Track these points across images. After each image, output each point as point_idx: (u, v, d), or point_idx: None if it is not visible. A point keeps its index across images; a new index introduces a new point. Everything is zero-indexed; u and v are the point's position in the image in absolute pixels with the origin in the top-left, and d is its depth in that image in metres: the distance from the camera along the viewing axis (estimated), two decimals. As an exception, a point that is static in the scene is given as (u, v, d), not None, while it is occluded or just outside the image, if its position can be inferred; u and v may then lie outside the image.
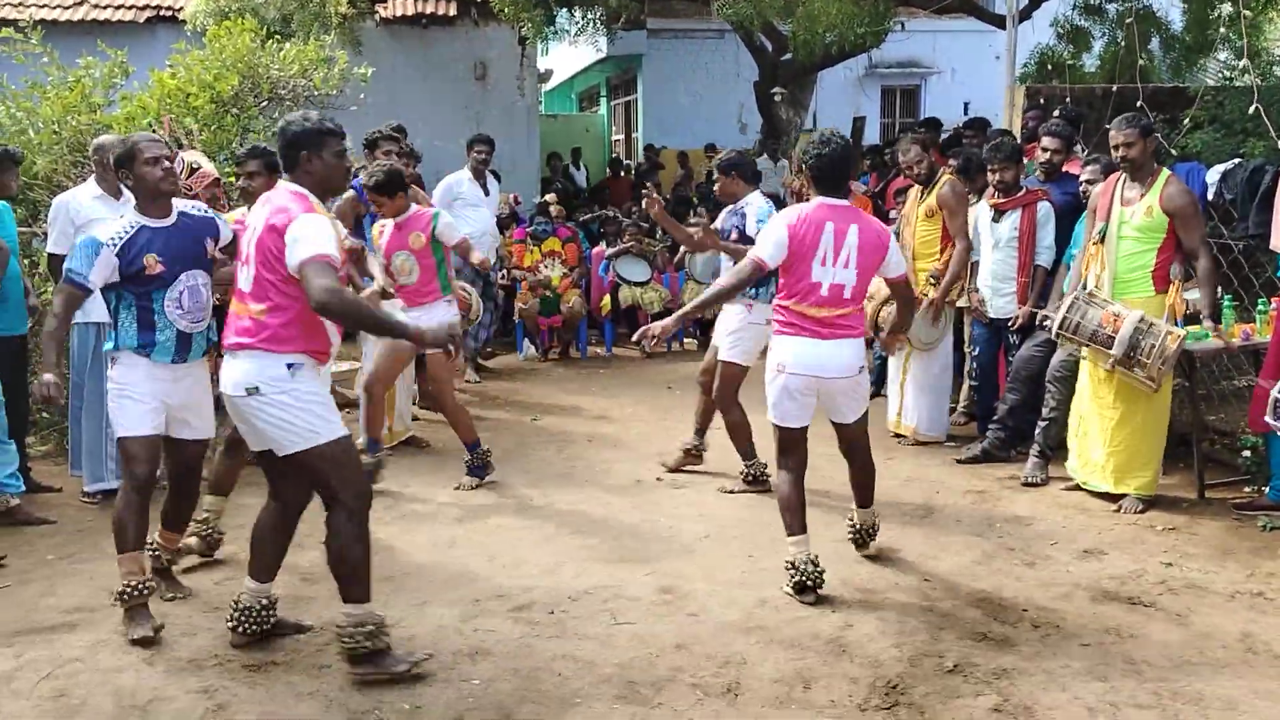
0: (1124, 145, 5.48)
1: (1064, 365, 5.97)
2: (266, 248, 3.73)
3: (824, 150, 4.55)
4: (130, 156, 4.23)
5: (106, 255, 4.13)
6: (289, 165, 3.86)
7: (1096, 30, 12.85)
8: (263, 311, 3.76)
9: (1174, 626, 4.25)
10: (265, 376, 3.75)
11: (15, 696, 3.75)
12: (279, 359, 3.76)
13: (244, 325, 3.81)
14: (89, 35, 10.80)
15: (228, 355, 3.86)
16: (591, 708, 3.68)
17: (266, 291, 3.76)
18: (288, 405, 3.75)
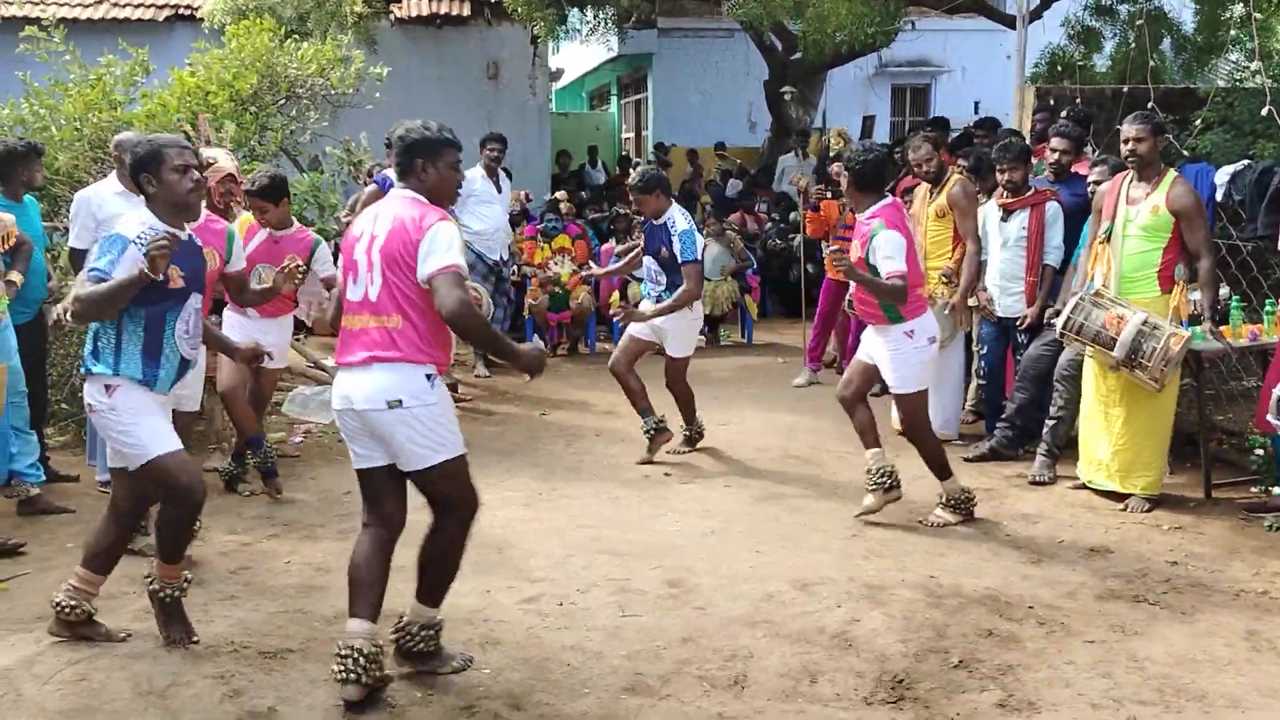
0: (1135, 140, 5.51)
1: (1072, 364, 6.01)
2: (397, 257, 3.61)
3: (869, 156, 5.29)
4: (156, 160, 3.88)
5: (133, 253, 3.79)
6: (403, 172, 3.77)
7: (1107, 31, 12.85)
8: (397, 322, 3.62)
9: (1179, 624, 4.29)
10: (409, 389, 3.62)
11: (37, 681, 3.82)
12: (419, 370, 3.64)
13: (374, 338, 3.64)
14: (109, 33, 10.91)
15: (357, 370, 3.67)
16: (599, 698, 3.74)
17: (398, 302, 3.62)
18: (428, 419, 3.65)
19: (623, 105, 23.29)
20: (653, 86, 20.23)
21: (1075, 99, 8.79)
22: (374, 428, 3.68)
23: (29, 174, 5.91)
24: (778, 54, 14.70)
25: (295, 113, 8.06)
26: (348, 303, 3.75)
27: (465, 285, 3.63)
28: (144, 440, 3.86)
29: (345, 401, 3.71)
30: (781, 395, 8.49)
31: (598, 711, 3.66)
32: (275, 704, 3.68)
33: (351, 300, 3.73)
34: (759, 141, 17.30)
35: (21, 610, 4.44)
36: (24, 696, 3.72)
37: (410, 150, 3.75)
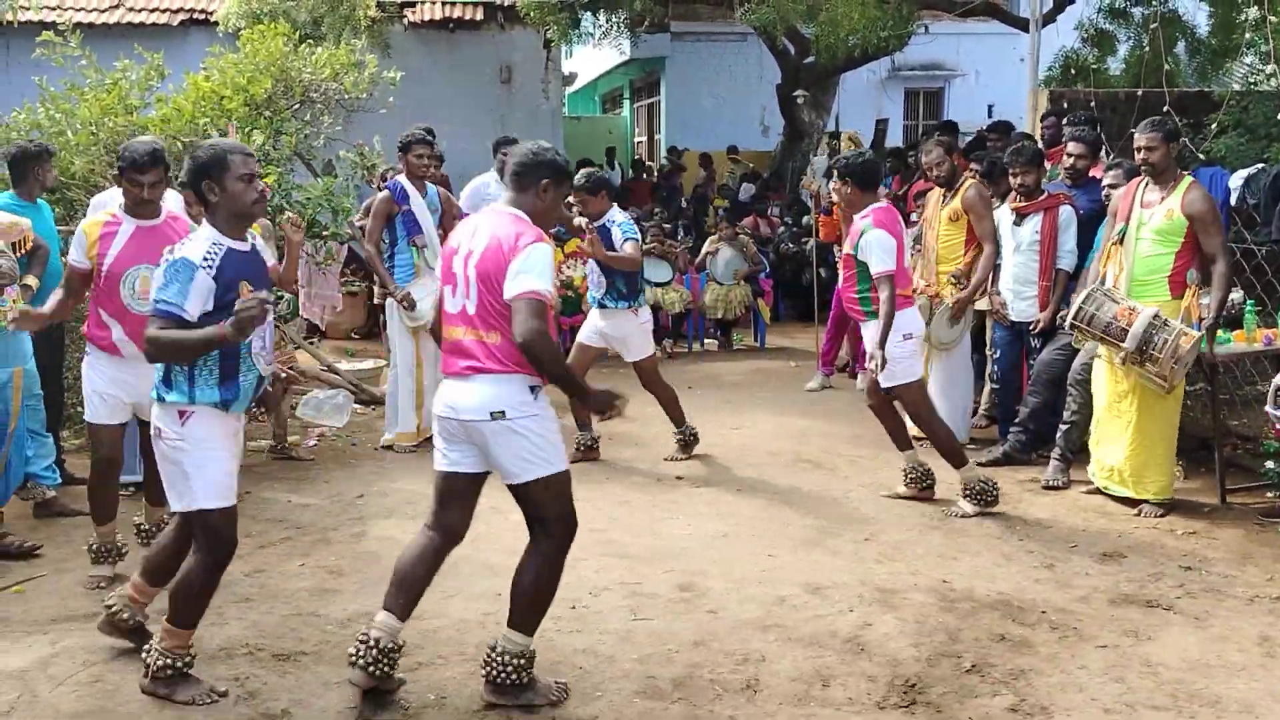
0: (1146, 149, 5.51)
1: (1085, 369, 6.00)
2: (490, 274, 3.59)
3: (862, 158, 5.60)
4: (221, 166, 3.62)
5: (203, 279, 3.53)
6: (521, 186, 3.73)
7: (1121, 34, 12.80)
8: (496, 339, 3.60)
9: (1192, 629, 4.28)
10: (511, 400, 3.60)
11: (53, 681, 3.85)
12: (523, 380, 3.62)
13: (474, 351, 3.62)
14: (124, 38, 10.97)
15: (457, 379, 3.67)
16: (611, 701, 3.75)
17: (493, 318, 3.60)
18: (531, 431, 3.62)
19: (635, 109, 23.32)
20: (665, 90, 20.25)
21: (1089, 102, 8.76)
22: (476, 438, 3.66)
23: (43, 175, 5.96)
24: (791, 58, 14.70)
25: (309, 117, 8.09)
26: (447, 314, 3.73)
27: (545, 314, 3.54)
28: (199, 489, 3.63)
29: (450, 410, 3.68)
30: (794, 399, 8.48)
31: (610, 715, 3.67)
32: (289, 706, 3.70)
33: (450, 312, 3.72)
34: (772, 145, 17.29)
35: (37, 612, 4.48)
36: (39, 698, 3.75)
37: (540, 169, 3.71)
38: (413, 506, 5.86)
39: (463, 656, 4.06)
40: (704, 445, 6.96)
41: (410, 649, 4.09)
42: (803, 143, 14.78)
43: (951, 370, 6.92)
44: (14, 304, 5.44)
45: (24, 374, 5.51)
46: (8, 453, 5.47)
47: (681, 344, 10.83)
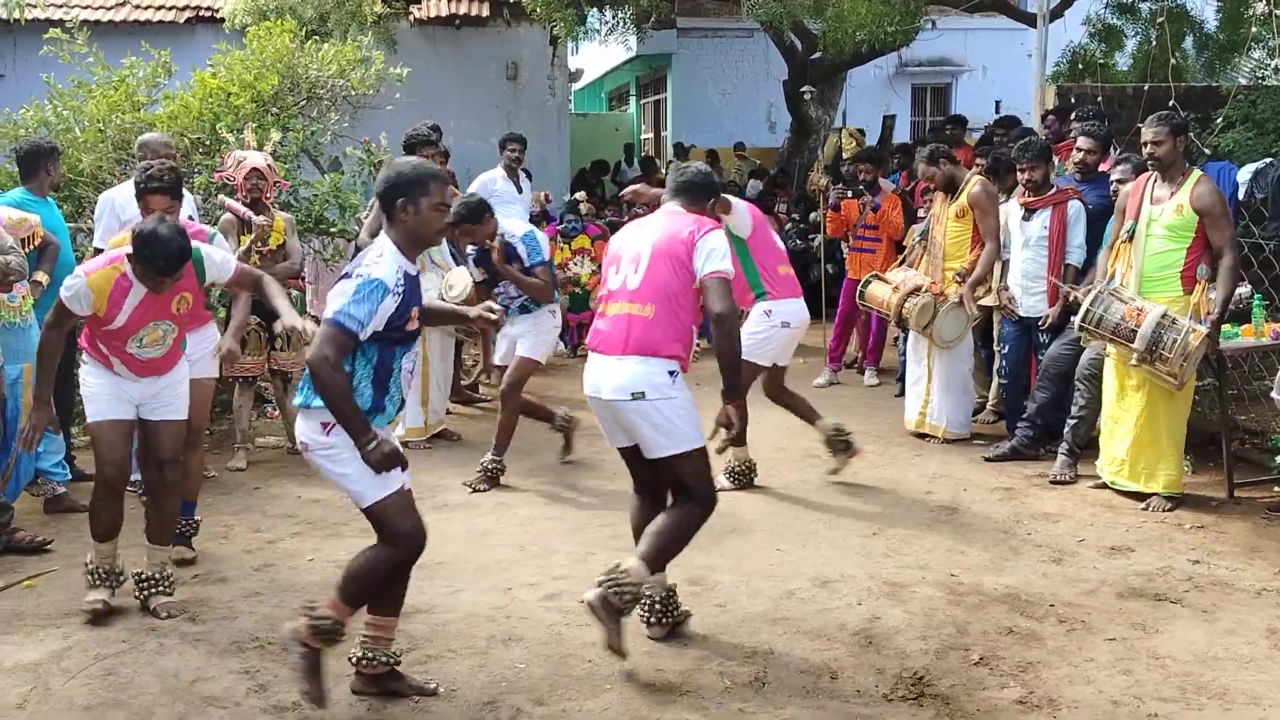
0: (1153, 143, 5.50)
1: (1093, 364, 6.00)
2: (669, 253, 3.96)
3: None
4: (422, 190, 3.53)
5: (390, 303, 3.47)
6: (697, 199, 4.22)
7: (1129, 29, 12.80)
8: (650, 312, 3.92)
9: (1200, 622, 4.28)
10: (652, 383, 3.91)
11: (65, 675, 3.87)
12: (664, 365, 3.93)
13: (627, 327, 3.96)
14: (131, 35, 11.01)
15: (609, 359, 3.96)
16: (621, 694, 3.76)
17: (658, 294, 3.93)
18: (667, 410, 3.93)
19: (642, 106, 23.32)
20: (672, 87, 20.25)
21: (1096, 97, 8.76)
22: (617, 416, 3.99)
23: (55, 171, 5.99)
24: (798, 54, 14.69)
25: (316, 114, 8.12)
26: (608, 291, 4.11)
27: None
28: (361, 485, 3.60)
29: (594, 389, 4.07)
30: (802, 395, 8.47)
31: (619, 707, 3.68)
32: (299, 698, 3.70)
33: (611, 289, 4.10)
34: (778, 142, 17.29)
35: (49, 606, 4.50)
36: (53, 691, 3.77)
37: (710, 187, 4.29)
38: (420, 501, 5.82)
39: (472, 650, 4.08)
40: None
41: (419, 642, 4.13)
42: (809, 139, 14.77)
43: (952, 367, 6.93)
44: (23, 300, 5.48)
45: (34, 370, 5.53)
46: (18, 449, 5.49)
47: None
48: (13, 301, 5.38)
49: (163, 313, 4.32)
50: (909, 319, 6.80)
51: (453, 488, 6.14)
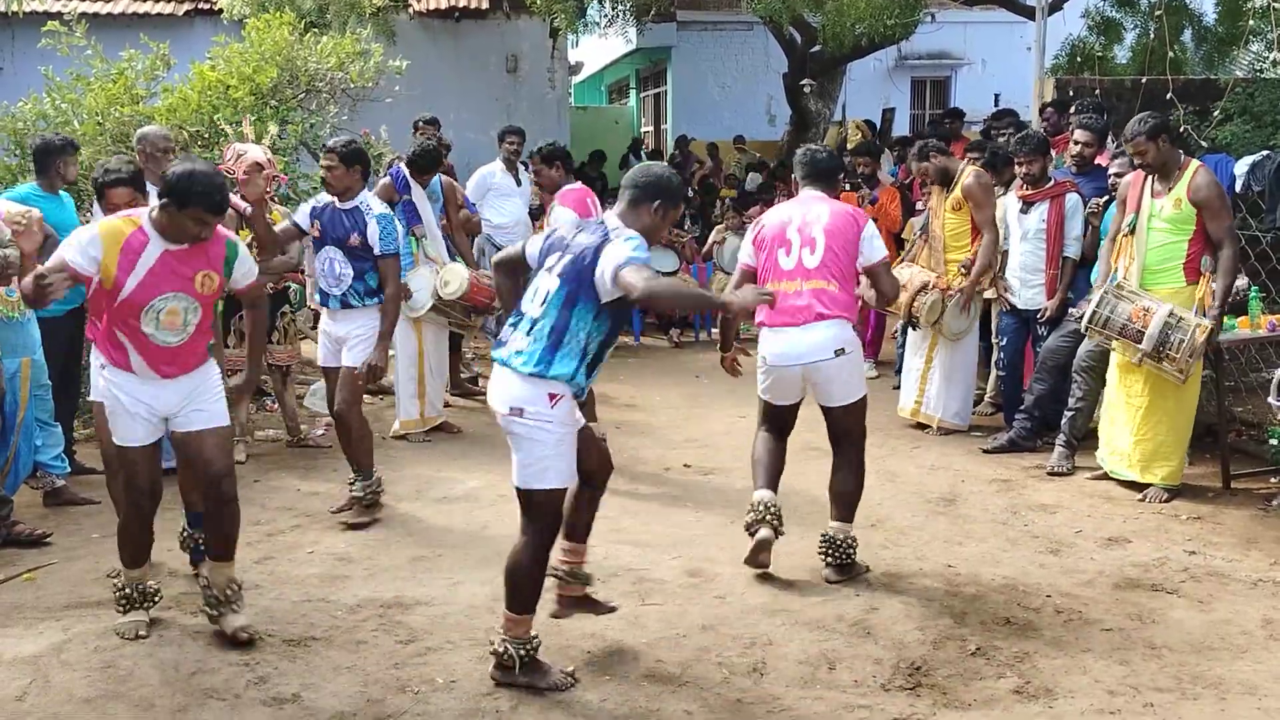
0: (1136, 154, 5.55)
1: (1090, 355, 6.01)
2: (842, 235, 4.56)
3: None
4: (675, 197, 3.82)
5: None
6: (831, 182, 4.86)
7: (1128, 22, 12.80)
8: (834, 287, 4.53)
9: (1196, 612, 4.30)
10: (848, 339, 4.55)
11: (65, 667, 3.88)
12: (848, 326, 4.57)
13: (813, 300, 4.51)
14: (129, 28, 11.02)
15: (798, 329, 4.50)
16: (619, 685, 3.78)
17: (836, 270, 4.54)
18: (856, 363, 4.62)
19: (642, 99, 23.31)
20: (672, 80, 20.25)
21: (1094, 91, 8.76)
22: (815, 374, 4.55)
23: (65, 169, 6.00)
24: (797, 47, 14.68)
25: (315, 106, 8.11)
26: (780, 271, 4.59)
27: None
28: (558, 469, 3.66)
29: (783, 359, 4.57)
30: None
31: (617, 697, 3.70)
32: (299, 690, 3.73)
33: (785, 268, 4.59)
34: (778, 135, 17.28)
35: (49, 599, 4.51)
36: (53, 683, 3.78)
37: (836, 171, 4.91)
38: (419, 494, 5.90)
39: (472, 641, 4.09)
40: (712, 434, 6.97)
41: (419, 634, 4.15)
42: (809, 132, 14.76)
43: (957, 359, 6.94)
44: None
45: (32, 364, 5.54)
46: (17, 442, 5.51)
47: (689, 333, 10.85)
48: (10, 296, 5.39)
49: (184, 284, 3.89)
50: (919, 317, 6.81)
51: (452, 481, 6.16)
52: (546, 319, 3.63)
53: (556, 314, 3.62)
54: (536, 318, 3.66)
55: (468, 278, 6.94)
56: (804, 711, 3.60)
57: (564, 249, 3.70)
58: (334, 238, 5.40)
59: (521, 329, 3.69)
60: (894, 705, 3.63)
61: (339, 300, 5.45)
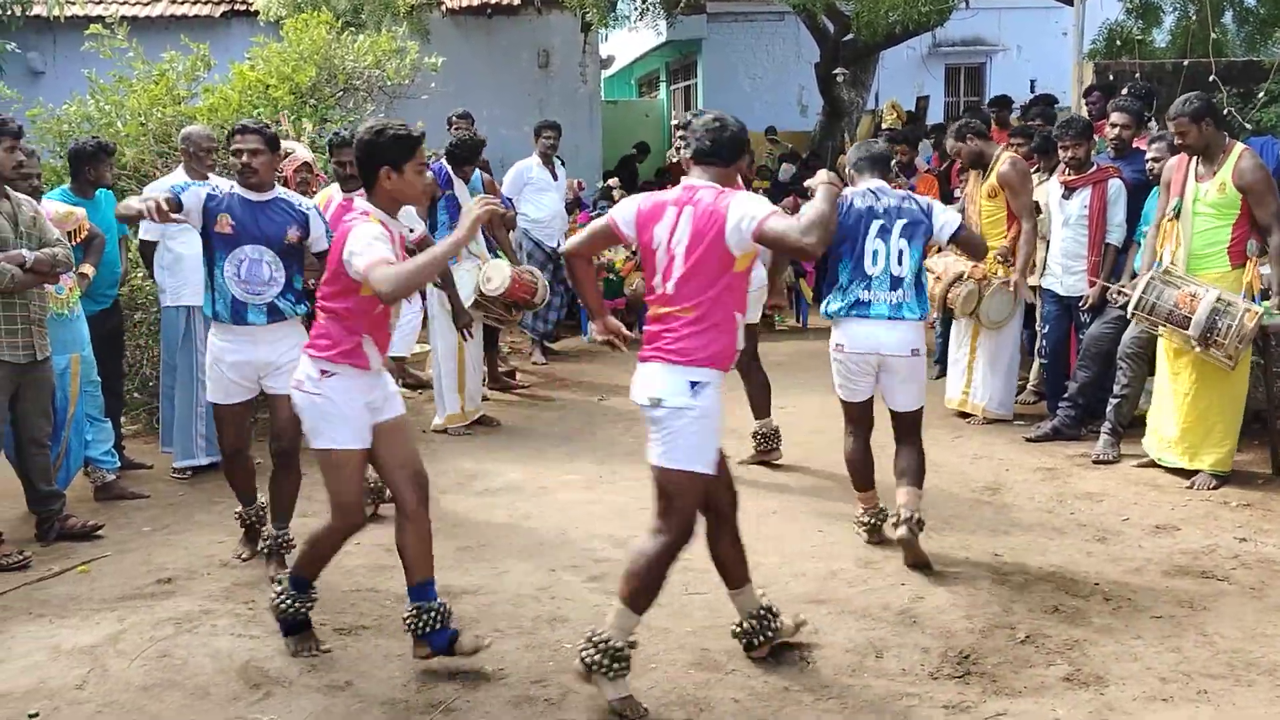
0: (1178, 134, 5.48)
1: (1135, 342, 5.96)
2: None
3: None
4: None
5: None
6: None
7: (1167, 5, 12.63)
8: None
9: (1248, 599, 4.26)
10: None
11: (121, 656, 3.95)
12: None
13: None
14: (167, 30, 11.14)
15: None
16: (666, 673, 3.80)
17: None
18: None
19: (672, 92, 23.26)
20: (702, 72, 20.17)
21: (1135, 74, 8.66)
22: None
23: (97, 173, 6.08)
24: (830, 36, 14.61)
25: (353, 104, 8.17)
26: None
27: None
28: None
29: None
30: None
31: (665, 685, 3.72)
32: (352, 678, 3.78)
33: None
34: (810, 125, 17.20)
35: (104, 590, 4.60)
36: (110, 672, 3.85)
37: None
38: (462, 486, 5.94)
39: (519, 630, 4.12)
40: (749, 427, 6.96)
41: (467, 623, 4.17)
42: (842, 121, 14.69)
43: (999, 347, 6.89)
44: (70, 292, 5.57)
45: (81, 360, 5.64)
46: (68, 437, 5.61)
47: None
48: (60, 294, 5.47)
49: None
50: (954, 308, 6.76)
51: (494, 473, 6.19)
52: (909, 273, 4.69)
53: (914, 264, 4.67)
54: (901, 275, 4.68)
55: (510, 274, 6.97)
56: (852, 700, 3.60)
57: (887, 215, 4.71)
58: (263, 235, 4.57)
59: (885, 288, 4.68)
60: (943, 693, 3.62)
61: (263, 311, 4.57)
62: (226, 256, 4.54)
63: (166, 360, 6.24)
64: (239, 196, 4.61)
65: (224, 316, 4.57)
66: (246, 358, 4.60)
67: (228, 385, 4.65)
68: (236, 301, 4.54)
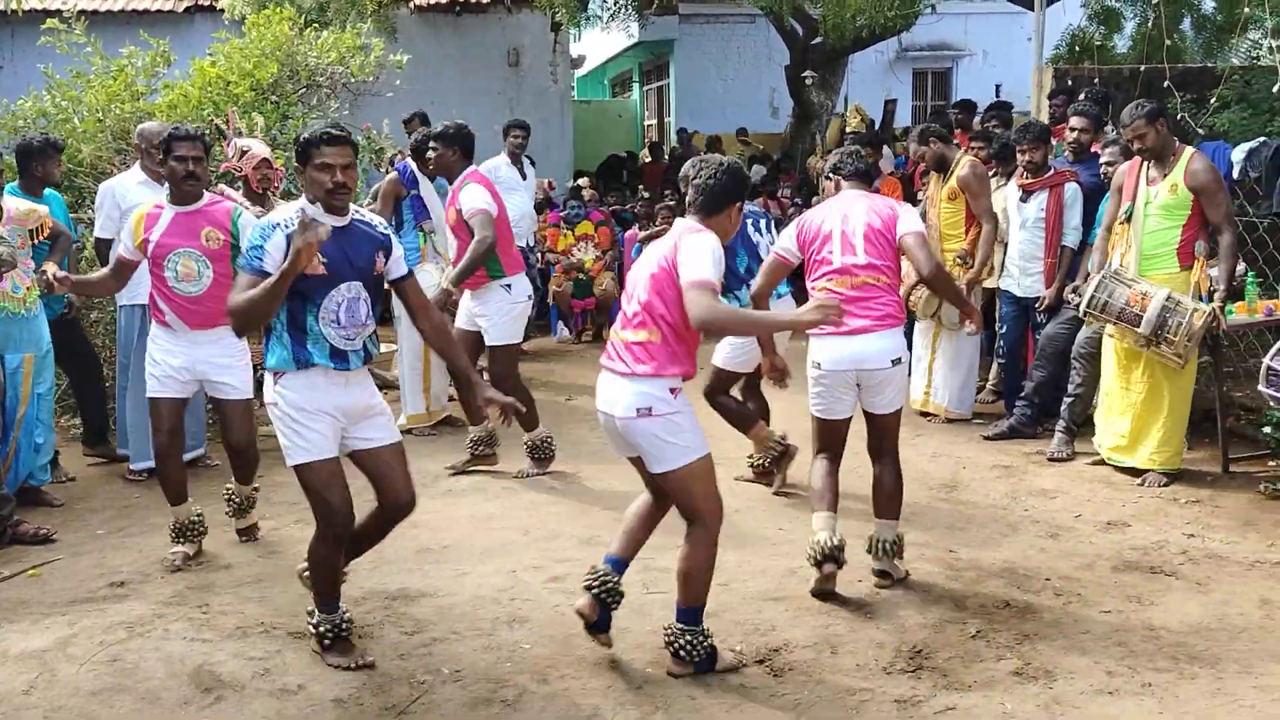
0: (1135, 138, 5.54)
1: (1089, 342, 6.03)
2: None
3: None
4: None
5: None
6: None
7: (1128, 11, 12.79)
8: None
9: (1194, 594, 4.33)
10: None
11: (71, 661, 3.91)
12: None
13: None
14: (129, 25, 11.04)
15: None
16: (624, 672, 3.81)
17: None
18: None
19: (645, 92, 23.29)
20: (674, 73, 20.22)
21: (1093, 80, 8.76)
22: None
23: (45, 170, 6.02)
24: (798, 39, 14.68)
25: (316, 101, 8.12)
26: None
27: None
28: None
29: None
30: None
31: (622, 684, 3.73)
32: (304, 682, 3.76)
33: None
34: (781, 127, 17.28)
35: (55, 594, 4.55)
36: (59, 677, 3.81)
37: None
38: (425, 487, 5.89)
39: (477, 631, 4.12)
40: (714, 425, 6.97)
41: (424, 625, 4.18)
42: (812, 124, 14.77)
43: (959, 348, 6.96)
44: (27, 291, 5.52)
45: (38, 361, 5.57)
46: (17, 437, 5.53)
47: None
48: (16, 293, 5.43)
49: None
50: (915, 309, 6.82)
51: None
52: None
53: None
54: None
55: None
56: (807, 695, 3.63)
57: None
58: (355, 268, 3.78)
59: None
60: (896, 688, 3.66)
61: (361, 355, 3.87)
62: (321, 301, 3.70)
63: (121, 360, 6.19)
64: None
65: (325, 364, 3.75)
66: (339, 403, 3.81)
67: (320, 442, 3.81)
68: (336, 351, 3.76)
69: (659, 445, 3.71)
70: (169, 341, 4.85)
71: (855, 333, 4.34)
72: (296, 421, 3.76)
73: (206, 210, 4.89)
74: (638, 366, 3.69)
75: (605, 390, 3.82)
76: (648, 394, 3.67)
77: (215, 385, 4.90)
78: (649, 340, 3.69)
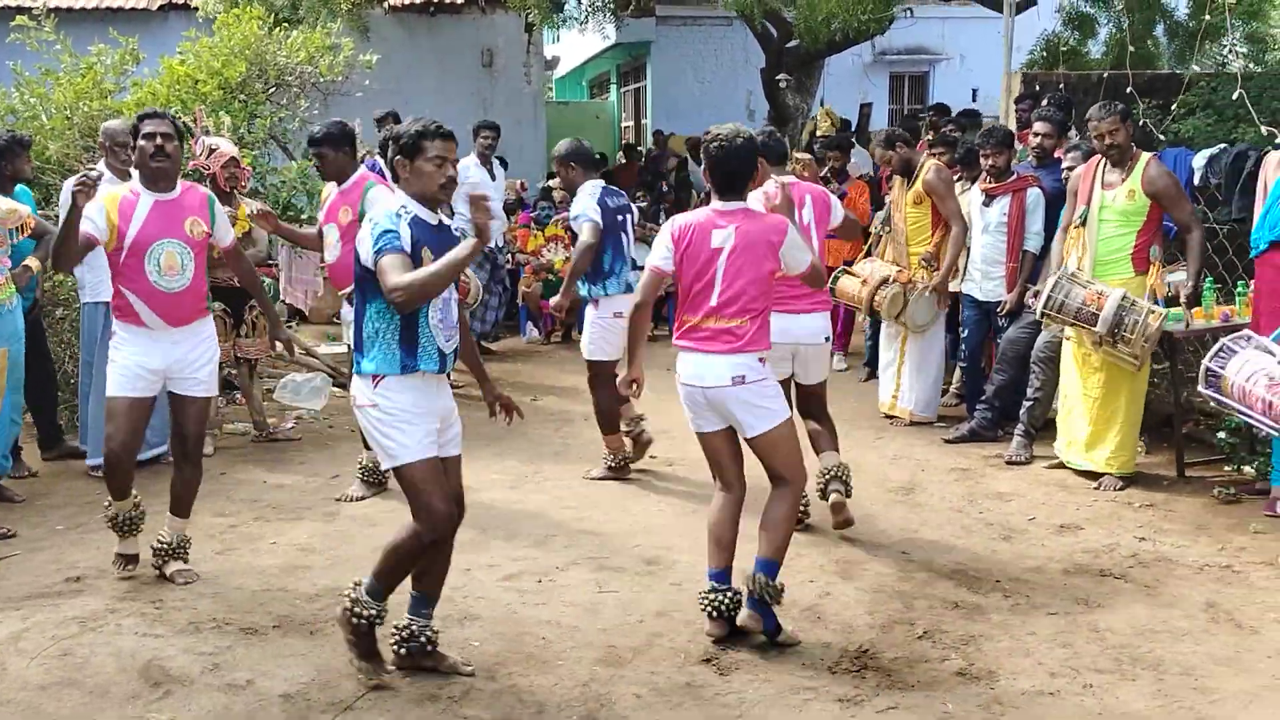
0: (1109, 133, 5.55)
1: (1049, 346, 6.09)
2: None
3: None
4: None
5: None
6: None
7: (1102, 17, 12.89)
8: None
9: (1141, 596, 4.37)
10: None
11: (21, 655, 3.91)
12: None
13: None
14: (101, 22, 10.98)
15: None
16: (571, 669, 3.83)
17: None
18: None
19: (622, 94, 23.31)
20: (651, 75, 20.25)
21: (1060, 85, 8.84)
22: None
23: (14, 167, 6.00)
24: (773, 41, 14.72)
25: (285, 100, 8.12)
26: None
27: None
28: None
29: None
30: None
31: (569, 681, 3.75)
32: (253, 677, 3.77)
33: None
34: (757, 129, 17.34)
35: (11, 589, 4.54)
36: (8, 670, 3.81)
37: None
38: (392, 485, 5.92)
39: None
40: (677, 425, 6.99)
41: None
42: (787, 126, 14.80)
43: (924, 351, 7.01)
44: (2, 286, 5.51)
45: (11, 355, 5.54)
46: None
47: (663, 326, 10.88)
48: (-7, 288, 5.42)
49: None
50: (880, 310, 6.87)
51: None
52: None
53: None
54: None
55: None
56: (752, 694, 3.66)
57: None
58: None
59: None
60: (839, 687, 3.69)
61: (451, 359, 3.79)
62: (432, 301, 3.61)
63: (84, 358, 6.17)
64: (420, 220, 3.63)
65: (430, 369, 3.67)
66: (435, 405, 3.73)
67: (425, 441, 3.65)
68: (440, 353, 3.68)
69: (751, 410, 4.00)
70: (147, 342, 4.48)
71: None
72: (402, 422, 3.61)
73: (185, 199, 4.59)
74: (733, 343, 4.01)
75: (692, 366, 4.10)
76: (741, 364, 3.99)
77: (184, 382, 4.57)
78: (740, 326, 4.01)
